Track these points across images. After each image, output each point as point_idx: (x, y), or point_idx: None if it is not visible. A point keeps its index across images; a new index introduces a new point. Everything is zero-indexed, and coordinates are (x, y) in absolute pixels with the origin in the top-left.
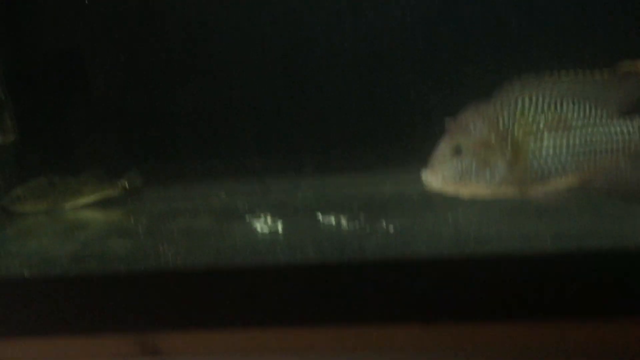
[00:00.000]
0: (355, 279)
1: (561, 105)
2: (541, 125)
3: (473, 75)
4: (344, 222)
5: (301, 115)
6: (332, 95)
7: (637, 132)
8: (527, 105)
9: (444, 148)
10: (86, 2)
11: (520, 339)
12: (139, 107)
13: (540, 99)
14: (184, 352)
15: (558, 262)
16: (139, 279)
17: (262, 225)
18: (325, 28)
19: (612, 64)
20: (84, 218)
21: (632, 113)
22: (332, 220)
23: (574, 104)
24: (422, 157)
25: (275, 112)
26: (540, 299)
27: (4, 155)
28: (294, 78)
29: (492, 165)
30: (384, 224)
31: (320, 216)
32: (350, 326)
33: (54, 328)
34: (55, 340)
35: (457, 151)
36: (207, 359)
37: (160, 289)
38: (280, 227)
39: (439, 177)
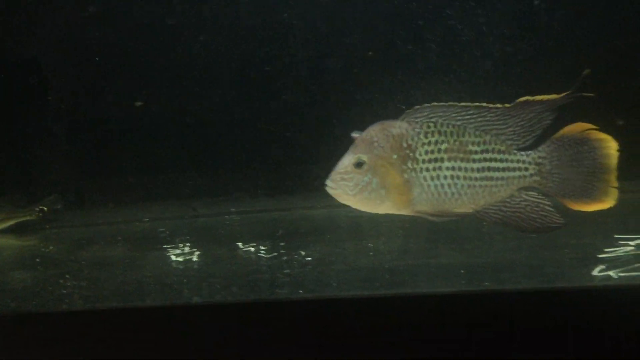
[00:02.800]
0: (255, 320)
1: (463, 133)
2: (442, 151)
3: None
4: (262, 252)
5: (232, 137)
6: (262, 115)
7: (532, 166)
8: (431, 129)
9: (346, 160)
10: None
11: None
12: (61, 129)
13: (445, 126)
14: None
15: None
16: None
17: (176, 256)
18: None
19: (515, 98)
20: None
21: (529, 147)
22: (250, 249)
23: (475, 134)
24: None
25: (204, 135)
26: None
27: None
28: (226, 100)
29: (390, 183)
30: (300, 254)
31: (240, 245)
32: None
33: None
34: None
35: (359, 165)
36: None
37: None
38: (194, 258)
39: (338, 189)
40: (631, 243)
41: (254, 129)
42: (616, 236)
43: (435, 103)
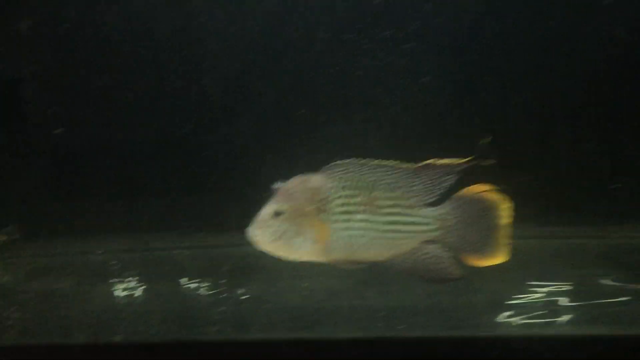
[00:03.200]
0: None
1: (374, 189)
2: (355, 204)
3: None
4: (203, 288)
5: (181, 173)
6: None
7: (435, 221)
8: (346, 184)
9: (267, 210)
10: None
11: None
12: (19, 162)
13: (358, 181)
14: None
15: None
16: None
17: (121, 290)
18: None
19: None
20: None
21: (433, 204)
22: (192, 285)
23: (385, 189)
24: None
25: (155, 169)
26: None
27: None
28: (171, 136)
29: (305, 232)
30: (238, 291)
31: (181, 281)
32: None
33: None
34: None
35: (278, 214)
36: None
37: None
38: (137, 294)
39: (259, 236)
40: (541, 290)
41: (211, 163)
42: (528, 283)
43: (351, 159)
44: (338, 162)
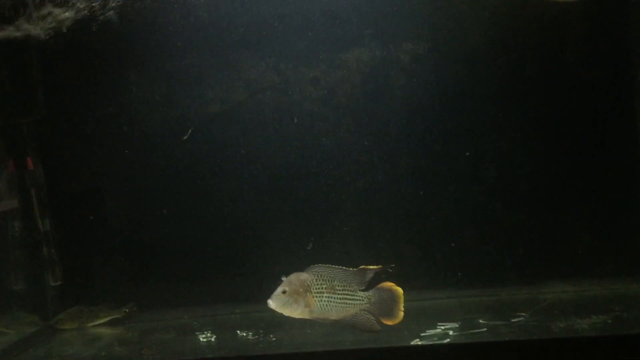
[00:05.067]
0: None
1: (333, 280)
2: (324, 289)
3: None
4: (249, 335)
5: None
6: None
7: (366, 299)
8: (319, 277)
9: (278, 290)
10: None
11: None
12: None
13: (325, 276)
14: None
15: None
16: None
17: (204, 338)
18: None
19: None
20: (100, 333)
21: (366, 289)
22: (243, 334)
23: (339, 280)
24: None
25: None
26: None
27: (53, 292)
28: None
29: (299, 303)
30: (271, 336)
31: (237, 332)
32: None
33: None
34: None
35: (284, 292)
36: None
37: None
38: (212, 339)
39: (274, 304)
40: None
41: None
42: (439, 323)
43: (321, 265)
44: (315, 266)
